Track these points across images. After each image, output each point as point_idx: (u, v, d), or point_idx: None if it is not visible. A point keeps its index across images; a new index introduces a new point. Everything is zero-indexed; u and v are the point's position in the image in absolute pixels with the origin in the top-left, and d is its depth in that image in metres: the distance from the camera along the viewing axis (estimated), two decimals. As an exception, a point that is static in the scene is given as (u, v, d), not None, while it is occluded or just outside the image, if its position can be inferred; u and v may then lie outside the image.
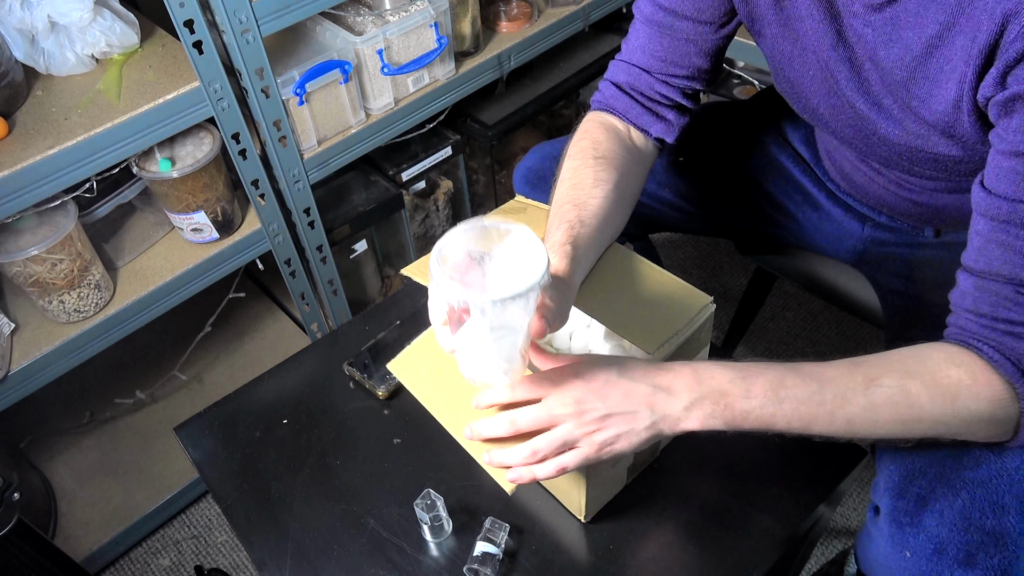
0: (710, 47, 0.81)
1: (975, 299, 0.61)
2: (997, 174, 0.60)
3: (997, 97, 0.58)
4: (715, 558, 0.77)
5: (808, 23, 0.72)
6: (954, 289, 0.65)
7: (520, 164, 1.04)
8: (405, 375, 0.76)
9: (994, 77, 0.58)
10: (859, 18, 0.67)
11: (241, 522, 0.86)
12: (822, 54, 0.72)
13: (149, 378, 1.49)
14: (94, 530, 1.32)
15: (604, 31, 1.71)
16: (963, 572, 0.64)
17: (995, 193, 0.60)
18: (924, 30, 0.62)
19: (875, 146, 0.77)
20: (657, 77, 0.83)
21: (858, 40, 0.68)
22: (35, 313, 1.12)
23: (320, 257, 1.35)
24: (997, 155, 0.60)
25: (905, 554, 0.67)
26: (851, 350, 1.54)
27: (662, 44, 0.81)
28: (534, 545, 0.80)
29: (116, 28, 1.05)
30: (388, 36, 1.21)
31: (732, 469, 0.85)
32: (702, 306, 0.72)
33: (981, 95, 0.60)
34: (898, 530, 0.68)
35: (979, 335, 0.61)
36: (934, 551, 0.66)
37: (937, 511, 0.66)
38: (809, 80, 0.76)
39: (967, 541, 0.65)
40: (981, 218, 0.62)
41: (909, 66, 0.65)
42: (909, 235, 0.92)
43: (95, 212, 1.14)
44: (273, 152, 1.17)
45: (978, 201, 0.62)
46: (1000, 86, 0.58)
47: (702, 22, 0.79)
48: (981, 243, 0.62)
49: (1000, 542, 0.64)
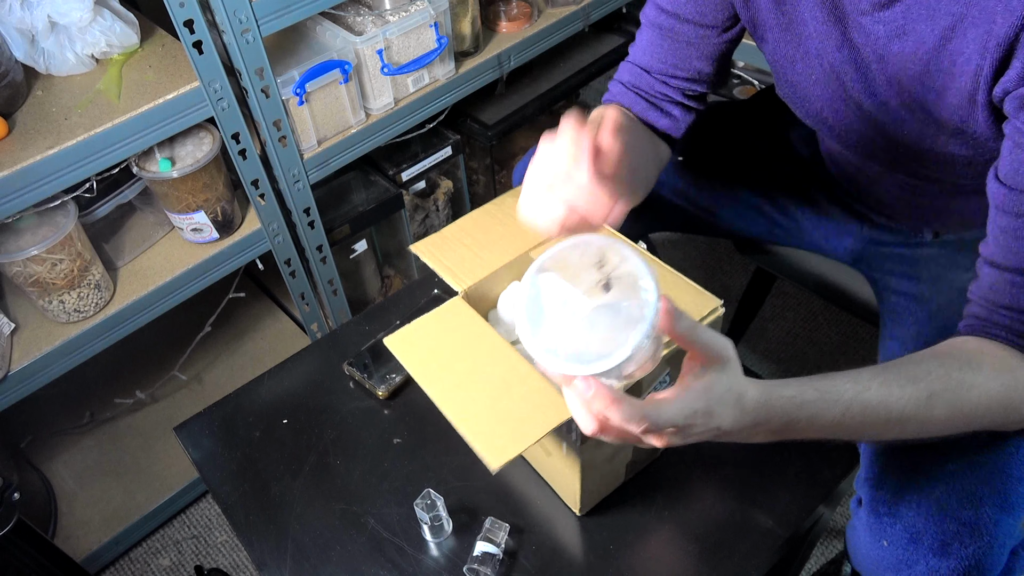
0: (712, 51, 0.81)
1: (1013, 295, 0.61)
2: (1014, 167, 0.59)
3: (1019, 91, 0.57)
4: (715, 558, 0.77)
5: (811, 26, 0.71)
6: (977, 283, 0.64)
7: (521, 163, 1.03)
8: (401, 351, 0.76)
9: (1018, 71, 0.57)
10: (868, 16, 0.66)
11: (241, 522, 0.86)
12: (826, 57, 0.72)
13: (149, 378, 1.49)
14: (94, 530, 1.32)
15: (604, 31, 1.71)
16: (938, 561, 0.65)
17: (1013, 187, 0.59)
18: (937, 22, 0.61)
19: (880, 148, 0.77)
20: (657, 78, 0.83)
21: (866, 39, 0.68)
22: (35, 313, 1.12)
23: (320, 257, 1.35)
24: (1015, 148, 0.59)
25: (883, 543, 0.68)
26: (851, 350, 1.55)
27: (663, 47, 0.81)
28: (534, 545, 0.80)
29: (116, 28, 1.05)
30: (388, 36, 1.21)
31: (732, 469, 0.85)
32: (711, 308, 0.72)
33: (1000, 88, 0.59)
34: (876, 520, 0.69)
35: (1021, 333, 0.61)
36: (910, 540, 0.66)
37: (914, 501, 0.67)
38: (813, 84, 0.76)
39: (943, 531, 0.65)
40: (1000, 212, 0.61)
41: (923, 59, 0.64)
42: (908, 236, 0.92)
43: (95, 212, 1.14)
44: (273, 152, 1.17)
45: (995, 195, 0.62)
46: (1021, 80, 0.57)
47: (704, 26, 0.79)
48: (1005, 239, 0.61)
49: (975, 532, 0.65)
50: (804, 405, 0.57)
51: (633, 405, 0.51)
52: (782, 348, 1.58)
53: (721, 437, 0.57)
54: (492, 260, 0.81)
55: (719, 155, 1.03)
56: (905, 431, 0.60)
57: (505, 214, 0.87)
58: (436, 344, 0.75)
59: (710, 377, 0.54)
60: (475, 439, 0.66)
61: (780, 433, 0.58)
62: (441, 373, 0.72)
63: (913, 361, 0.62)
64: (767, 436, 0.59)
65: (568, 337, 0.53)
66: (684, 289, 0.75)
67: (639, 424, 0.51)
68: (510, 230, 0.85)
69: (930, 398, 0.59)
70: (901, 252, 0.91)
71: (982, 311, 0.63)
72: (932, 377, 0.60)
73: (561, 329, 0.54)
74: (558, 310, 0.55)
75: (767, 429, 0.57)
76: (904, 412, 0.59)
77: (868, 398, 0.58)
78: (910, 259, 0.89)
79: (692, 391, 0.53)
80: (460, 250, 0.83)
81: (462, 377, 0.69)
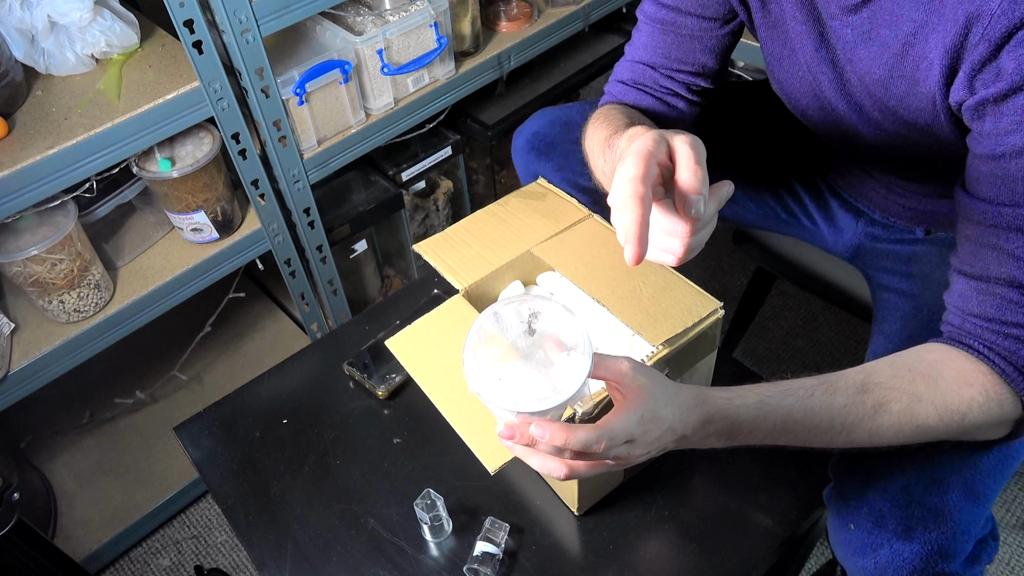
0: (715, 44, 0.81)
1: (980, 303, 0.61)
2: (976, 178, 0.60)
3: (968, 102, 0.58)
4: (715, 558, 0.77)
5: (792, 25, 0.72)
6: (950, 291, 0.65)
7: (523, 128, 0.99)
8: (401, 352, 0.76)
9: (962, 81, 0.58)
10: (837, 19, 0.67)
11: (241, 522, 0.86)
12: (806, 56, 0.73)
13: (149, 378, 1.49)
14: (94, 530, 1.32)
15: (604, 31, 1.71)
16: (901, 544, 0.65)
17: (976, 197, 0.60)
18: (900, 28, 0.62)
19: (861, 148, 0.77)
20: (662, 72, 0.83)
21: (838, 41, 0.69)
22: (35, 313, 1.12)
23: (320, 257, 1.35)
24: (974, 159, 0.60)
25: (849, 527, 0.69)
26: (851, 350, 1.55)
27: (666, 41, 0.82)
28: (534, 545, 0.80)
29: (116, 28, 1.05)
30: (388, 36, 1.21)
31: (732, 469, 0.85)
32: (710, 310, 0.72)
33: (952, 99, 0.60)
34: (844, 504, 0.70)
35: (990, 342, 0.61)
36: (874, 524, 0.67)
37: (881, 487, 0.67)
38: (798, 80, 0.76)
39: (907, 515, 0.65)
40: (967, 222, 0.62)
41: (887, 64, 0.65)
42: (901, 232, 0.92)
43: (95, 212, 1.14)
44: (273, 152, 1.17)
45: (961, 204, 0.62)
46: (969, 90, 0.58)
47: (706, 18, 0.79)
48: (972, 247, 0.62)
49: (939, 518, 0.65)
50: (744, 407, 0.59)
51: (587, 428, 0.53)
52: (782, 348, 1.58)
53: (681, 443, 0.59)
54: (494, 259, 0.81)
55: (721, 144, 1.03)
56: (854, 439, 0.61)
57: (508, 214, 0.87)
58: (436, 344, 0.75)
59: (638, 385, 0.56)
60: (473, 440, 0.66)
61: (730, 436, 0.60)
62: (441, 374, 0.72)
63: (866, 371, 0.63)
64: (720, 439, 0.60)
65: (511, 381, 0.57)
66: (684, 291, 0.75)
67: (598, 443, 0.53)
68: (513, 230, 0.85)
69: (876, 407, 0.60)
70: (896, 249, 0.91)
71: (956, 319, 0.64)
72: (883, 388, 0.61)
73: (505, 373, 0.58)
74: (498, 355, 0.58)
75: (716, 431, 0.59)
76: (847, 420, 0.60)
77: (811, 404, 0.60)
78: (904, 256, 0.89)
79: (629, 401, 0.56)
80: (462, 249, 0.83)
81: (461, 378, 0.69)
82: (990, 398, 0.60)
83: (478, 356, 0.57)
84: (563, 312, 0.57)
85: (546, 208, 0.87)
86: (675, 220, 0.59)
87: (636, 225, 0.53)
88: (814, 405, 0.60)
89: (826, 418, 0.60)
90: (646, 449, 0.57)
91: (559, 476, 0.56)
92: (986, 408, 0.60)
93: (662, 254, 0.62)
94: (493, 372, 0.57)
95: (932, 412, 0.60)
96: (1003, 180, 0.57)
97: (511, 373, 0.57)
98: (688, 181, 0.55)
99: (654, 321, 0.71)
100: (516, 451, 0.57)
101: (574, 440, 0.53)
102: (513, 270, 0.82)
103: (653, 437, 0.56)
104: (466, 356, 0.56)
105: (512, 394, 0.54)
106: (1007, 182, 0.57)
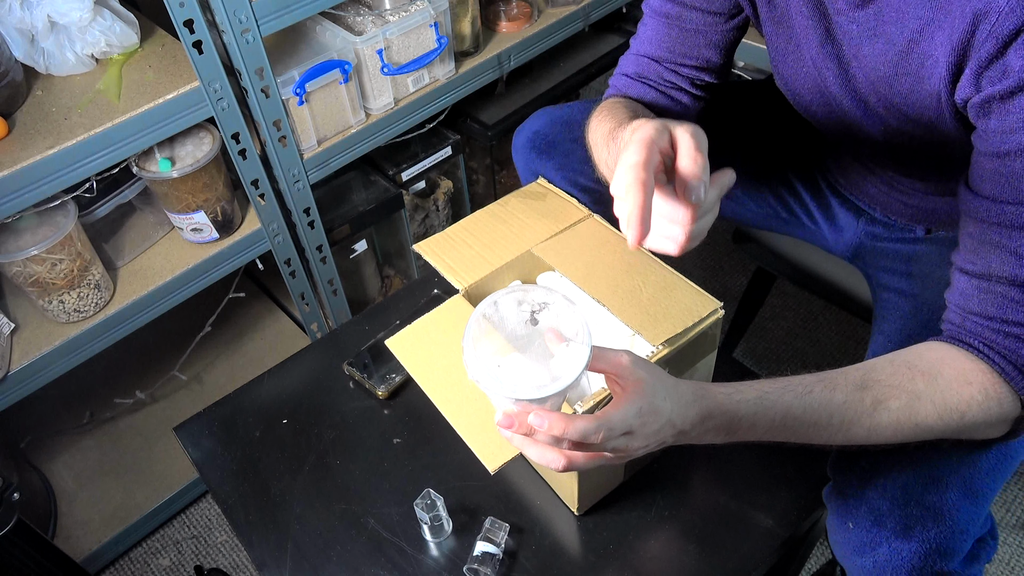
0: (719, 39, 0.81)
1: (981, 301, 0.61)
2: (981, 175, 0.60)
3: (974, 100, 0.58)
4: (715, 558, 0.77)
5: (797, 20, 0.72)
6: (951, 289, 0.65)
7: (524, 127, 0.98)
8: (402, 352, 0.76)
9: (968, 78, 0.58)
10: (843, 15, 0.67)
11: (241, 522, 0.86)
12: (811, 51, 0.73)
13: (149, 378, 1.49)
14: (94, 530, 1.32)
15: (604, 31, 1.71)
16: (900, 543, 0.65)
17: (980, 194, 0.60)
18: (906, 25, 0.62)
19: (864, 144, 0.77)
20: (667, 66, 0.83)
21: (844, 37, 0.69)
22: (35, 313, 1.12)
23: (320, 257, 1.35)
24: (979, 156, 0.60)
25: (848, 525, 0.69)
26: (851, 350, 1.55)
27: (671, 35, 0.82)
28: (534, 545, 0.80)
29: (116, 28, 1.05)
30: (388, 36, 1.21)
31: (732, 469, 0.85)
32: (710, 310, 0.72)
33: (958, 96, 0.60)
34: (843, 503, 0.70)
35: (990, 341, 0.61)
36: (873, 522, 0.67)
37: (880, 485, 0.67)
38: (803, 77, 0.76)
39: (906, 514, 0.65)
40: (970, 219, 0.62)
41: (892, 61, 0.65)
42: (902, 231, 0.92)
43: (95, 212, 1.14)
44: (273, 152, 1.17)
45: (964, 201, 0.62)
46: (975, 88, 0.58)
47: (711, 12, 0.79)
48: (974, 244, 0.62)
49: (938, 516, 0.65)
50: (744, 403, 0.59)
51: (586, 418, 0.53)
52: (782, 348, 1.58)
53: (680, 438, 0.59)
54: (494, 259, 0.81)
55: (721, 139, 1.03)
56: (853, 436, 0.61)
57: (508, 214, 0.87)
58: (436, 344, 0.75)
59: (637, 378, 0.56)
60: (473, 440, 0.66)
61: (729, 431, 0.60)
62: (441, 373, 0.72)
63: (866, 368, 0.63)
64: (719, 435, 0.61)
65: (510, 370, 0.58)
66: (684, 290, 0.75)
67: (596, 433, 0.53)
68: (513, 230, 0.85)
69: (875, 405, 0.60)
70: (896, 248, 0.91)
71: (956, 317, 0.64)
72: (882, 385, 0.61)
73: (504, 363, 0.58)
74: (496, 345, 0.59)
75: (715, 425, 0.59)
76: (846, 417, 0.60)
77: (810, 401, 0.60)
78: (904, 256, 0.89)
79: (628, 394, 0.56)
80: (462, 249, 0.83)
81: (462, 378, 0.69)
82: (989, 397, 0.60)
83: (478, 347, 0.57)
84: (563, 303, 0.57)
85: (546, 208, 0.87)
86: (676, 206, 0.60)
87: (638, 209, 0.55)
88: (813, 401, 0.60)
89: (825, 414, 0.60)
90: (644, 442, 0.57)
91: (557, 468, 0.56)
92: (985, 407, 0.60)
93: (664, 241, 0.63)
94: (492, 361, 0.57)
95: (931, 410, 0.60)
96: (1007, 178, 0.57)
97: (510, 363, 0.57)
98: (688, 167, 0.57)
99: (654, 321, 0.72)
100: (515, 441, 0.57)
101: (572, 430, 0.53)
102: (513, 270, 0.82)
103: (652, 430, 0.56)
104: (466, 344, 0.56)
105: (511, 381, 0.55)
106: (1011, 180, 0.57)
